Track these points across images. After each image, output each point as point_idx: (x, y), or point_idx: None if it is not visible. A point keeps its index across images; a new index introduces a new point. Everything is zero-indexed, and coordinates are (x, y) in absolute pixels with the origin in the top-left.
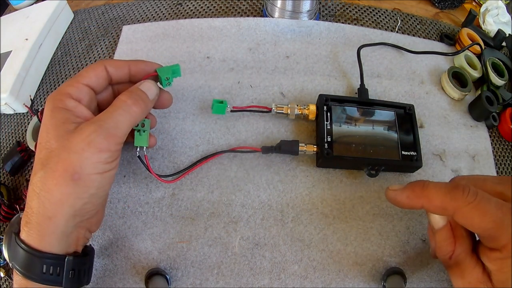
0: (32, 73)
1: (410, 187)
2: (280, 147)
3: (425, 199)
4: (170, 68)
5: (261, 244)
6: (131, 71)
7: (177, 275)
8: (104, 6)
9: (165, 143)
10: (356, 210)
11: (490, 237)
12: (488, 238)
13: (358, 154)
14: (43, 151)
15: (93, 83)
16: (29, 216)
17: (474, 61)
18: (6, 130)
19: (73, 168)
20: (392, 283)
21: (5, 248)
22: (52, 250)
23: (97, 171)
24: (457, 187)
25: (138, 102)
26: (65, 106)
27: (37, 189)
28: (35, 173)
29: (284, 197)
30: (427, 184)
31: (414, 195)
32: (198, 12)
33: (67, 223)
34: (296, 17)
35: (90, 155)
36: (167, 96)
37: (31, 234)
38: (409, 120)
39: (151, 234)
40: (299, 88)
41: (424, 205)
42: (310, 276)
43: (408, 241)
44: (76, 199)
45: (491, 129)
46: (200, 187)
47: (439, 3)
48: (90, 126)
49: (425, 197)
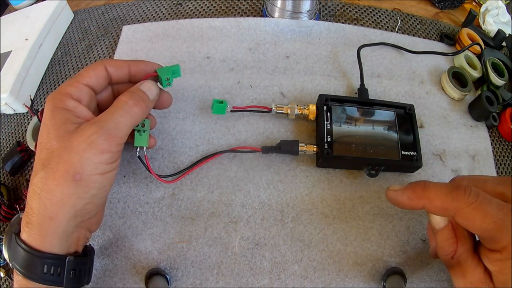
0: (32, 73)
1: (410, 188)
2: (280, 147)
3: (426, 199)
4: (170, 68)
5: (261, 244)
6: (131, 71)
7: (177, 275)
8: (104, 6)
9: (165, 143)
10: (356, 210)
11: (490, 238)
12: (488, 239)
13: (358, 154)
14: (44, 151)
15: (93, 83)
16: (29, 217)
17: (474, 61)
18: (6, 130)
19: (74, 169)
20: (392, 283)
21: (5, 248)
22: (53, 250)
23: (98, 171)
24: (458, 188)
25: (139, 103)
26: (65, 106)
27: (38, 190)
28: (36, 173)
29: (284, 197)
30: (428, 185)
31: (415, 196)
32: (198, 12)
33: (68, 223)
34: (296, 17)
35: (91, 155)
36: (167, 96)
37: (32, 235)
38: (409, 120)
39: (151, 234)
40: (299, 88)
41: (425, 206)
42: (310, 276)
43: (408, 241)
44: (77, 200)
45: (491, 129)
46: (200, 187)
47: (439, 3)
48: (91, 127)
49: (426, 198)
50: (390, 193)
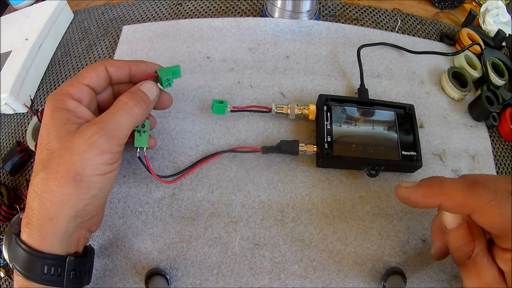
0: (32, 73)
1: (425, 184)
2: (280, 147)
3: (443, 196)
4: (171, 69)
5: (261, 244)
6: (131, 72)
7: (177, 275)
8: (104, 6)
9: (165, 143)
10: (356, 210)
11: (506, 237)
12: (503, 238)
13: (358, 154)
14: (44, 151)
15: (94, 83)
16: (30, 217)
17: (474, 61)
18: (6, 130)
19: (75, 170)
20: (392, 283)
21: (5, 249)
22: (54, 251)
23: (99, 172)
24: (477, 184)
25: (140, 103)
26: (66, 106)
27: (38, 190)
28: (36, 173)
29: (284, 197)
30: (444, 180)
31: (432, 193)
32: (198, 12)
33: (69, 224)
34: (296, 17)
35: (92, 156)
36: (167, 97)
37: (32, 235)
38: (409, 120)
39: (151, 234)
40: (299, 88)
41: (442, 203)
42: (310, 276)
43: (408, 241)
44: (78, 200)
45: (491, 129)
46: (200, 187)
47: (439, 3)
48: (91, 127)
49: (443, 195)
50: (402, 191)
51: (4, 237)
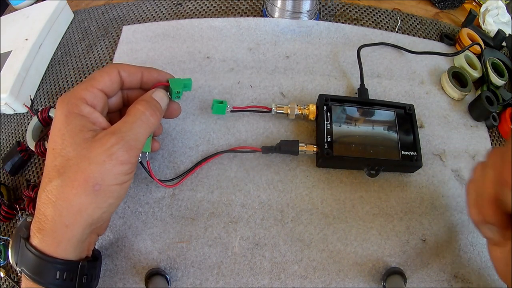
0: (32, 73)
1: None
2: (280, 147)
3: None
4: (182, 81)
5: (261, 244)
6: (143, 78)
7: (177, 275)
8: (104, 6)
9: (165, 143)
10: (356, 210)
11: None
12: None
13: (358, 154)
14: (58, 158)
15: (107, 88)
16: (42, 223)
17: (474, 61)
18: (6, 130)
19: (94, 179)
20: (392, 283)
21: (11, 253)
22: (68, 257)
23: (117, 182)
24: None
25: (156, 113)
26: (81, 112)
27: (53, 197)
28: (50, 180)
29: (284, 197)
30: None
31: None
32: (198, 12)
33: (84, 231)
34: (296, 17)
35: (111, 167)
36: (176, 106)
37: (45, 241)
38: (409, 120)
39: (151, 234)
40: (299, 88)
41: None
42: (310, 276)
43: (408, 241)
44: (96, 209)
45: (491, 129)
46: (200, 187)
47: (439, 3)
48: (111, 137)
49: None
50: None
51: (11, 241)
